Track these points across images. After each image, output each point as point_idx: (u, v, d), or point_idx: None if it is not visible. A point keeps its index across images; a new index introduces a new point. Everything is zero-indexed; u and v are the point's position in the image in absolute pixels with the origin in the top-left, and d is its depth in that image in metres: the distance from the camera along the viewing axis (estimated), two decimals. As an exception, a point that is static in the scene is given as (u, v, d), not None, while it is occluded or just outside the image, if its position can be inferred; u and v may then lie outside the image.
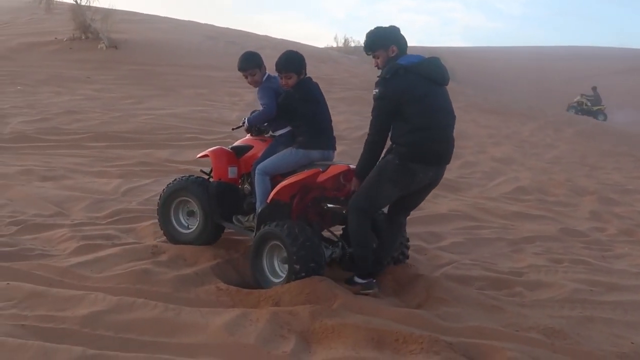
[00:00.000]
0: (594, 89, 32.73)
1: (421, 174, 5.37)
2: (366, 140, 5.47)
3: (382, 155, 5.52)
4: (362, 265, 5.53)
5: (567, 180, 12.78)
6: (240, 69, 6.22)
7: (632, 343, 5.24)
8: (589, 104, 32.10)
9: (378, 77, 5.40)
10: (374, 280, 5.56)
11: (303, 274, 5.31)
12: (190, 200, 6.38)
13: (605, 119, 30.81)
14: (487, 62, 54.89)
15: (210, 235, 6.30)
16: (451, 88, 5.53)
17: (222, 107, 15.81)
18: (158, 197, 6.63)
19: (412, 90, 5.25)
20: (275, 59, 5.94)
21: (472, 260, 7.01)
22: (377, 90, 5.34)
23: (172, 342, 4.44)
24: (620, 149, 19.91)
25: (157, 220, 6.76)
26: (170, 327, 4.61)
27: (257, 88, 6.18)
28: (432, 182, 5.56)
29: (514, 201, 10.52)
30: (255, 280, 5.66)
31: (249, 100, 17.14)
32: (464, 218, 8.87)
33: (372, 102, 5.51)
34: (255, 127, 6.33)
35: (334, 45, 45.76)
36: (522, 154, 15.66)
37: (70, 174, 8.99)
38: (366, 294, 5.43)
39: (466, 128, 18.24)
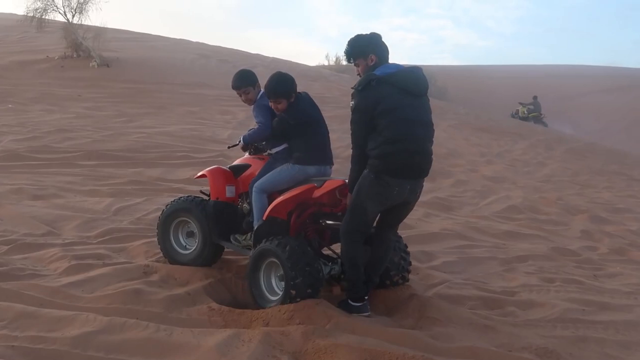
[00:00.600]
0: (535, 97, 34.83)
1: (397, 188, 5.26)
2: (351, 154, 5.42)
3: None
4: (355, 289, 5.50)
5: (558, 199, 12.82)
6: (234, 87, 6.20)
7: (625, 363, 5.24)
8: (526, 112, 34.18)
9: (352, 88, 5.34)
10: (367, 300, 5.53)
11: (298, 300, 5.26)
12: (189, 220, 6.35)
13: (537, 122, 32.47)
14: (478, 81, 55.18)
15: (208, 257, 6.26)
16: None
17: (215, 126, 15.82)
18: (158, 217, 6.58)
19: (384, 101, 5.16)
20: (266, 79, 5.92)
21: (465, 279, 7.00)
22: (352, 103, 5.29)
23: (163, 363, 4.41)
24: (611, 168, 20.00)
25: (148, 240, 6.75)
26: (161, 348, 4.57)
27: (252, 106, 6.16)
28: (411, 198, 5.46)
29: (505, 220, 10.54)
30: (252, 298, 5.61)
31: (241, 118, 17.17)
32: (456, 237, 8.87)
33: None
34: (252, 145, 6.31)
35: (326, 63, 46.01)
36: (513, 173, 15.71)
37: (61, 192, 8.96)
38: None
39: (457, 146, 18.31)
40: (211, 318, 5.24)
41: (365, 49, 5.40)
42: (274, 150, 6.14)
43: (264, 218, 5.73)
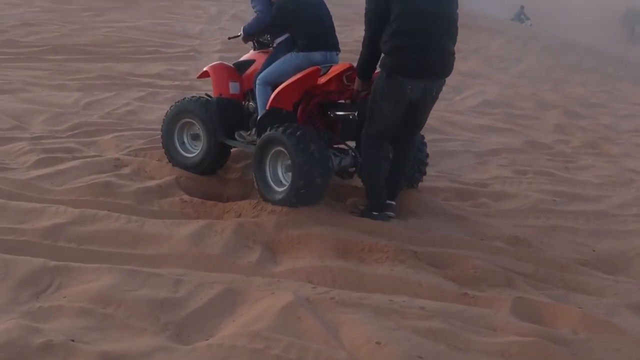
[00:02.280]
0: (521, 7, 35.23)
1: (410, 86, 4.88)
2: (363, 38, 5.07)
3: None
4: (372, 198, 5.24)
5: (533, 94, 12.77)
6: None
7: (594, 250, 5.34)
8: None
9: None
10: (392, 206, 5.28)
11: (305, 191, 5.00)
12: (193, 122, 5.97)
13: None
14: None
15: (213, 160, 5.90)
16: None
17: (185, 20, 15.39)
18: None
19: None
20: None
21: (438, 172, 7.00)
22: None
23: (135, 252, 4.40)
24: (588, 65, 19.95)
25: (118, 133, 6.65)
26: (133, 239, 4.55)
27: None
28: (426, 99, 5.07)
29: (480, 115, 10.50)
30: (258, 192, 5.35)
31: (213, 13, 16.74)
32: (431, 131, 8.79)
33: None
34: (254, 38, 5.99)
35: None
36: (489, 68, 15.58)
37: (29, 87, 8.71)
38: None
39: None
40: (183, 210, 5.21)
41: None
42: (277, 41, 5.76)
43: (266, 108, 5.43)
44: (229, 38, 6.70)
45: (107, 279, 3.86)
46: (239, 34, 6.03)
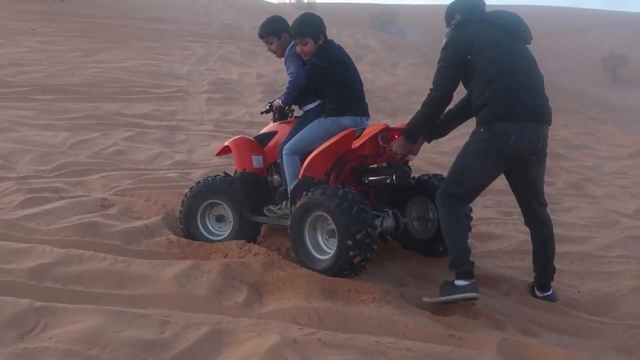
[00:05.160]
0: None
1: (514, 137, 4.51)
2: (427, 96, 4.81)
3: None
4: (458, 260, 4.63)
5: (517, 136, 12.88)
6: (259, 35, 5.65)
7: (579, 292, 5.36)
8: None
9: (448, 27, 4.82)
10: (475, 282, 4.60)
11: (356, 252, 4.68)
12: (217, 201, 5.62)
13: None
14: (440, 19, 54.93)
15: (248, 239, 5.44)
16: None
17: (173, 61, 15.54)
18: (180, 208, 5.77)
19: (484, 37, 4.62)
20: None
21: (424, 213, 7.03)
22: (445, 40, 4.74)
23: (122, 293, 4.39)
24: (571, 107, 20.17)
25: (106, 173, 6.65)
26: (120, 279, 4.54)
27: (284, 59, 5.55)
28: (532, 151, 4.68)
29: (465, 156, 10.57)
30: (299, 261, 5.01)
31: (200, 54, 16.92)
32: (416, 172, 8.81)
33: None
34: (277, 110, 5.69)
35: (287, 0, 45.30)
36: (474, 110, 15.74)
37: (16, 126, 8.75)
38: (467, 300, 4.56)
39: (419, 85, 18.26)
40: (170, 250, 5.22)
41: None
42: (306, 108, 5.50)
43: (299, 177, 5.13)
44: (262, 113, 6.13)
45: (93, 320, 3.84)
46: (269, 106, 5.77)
